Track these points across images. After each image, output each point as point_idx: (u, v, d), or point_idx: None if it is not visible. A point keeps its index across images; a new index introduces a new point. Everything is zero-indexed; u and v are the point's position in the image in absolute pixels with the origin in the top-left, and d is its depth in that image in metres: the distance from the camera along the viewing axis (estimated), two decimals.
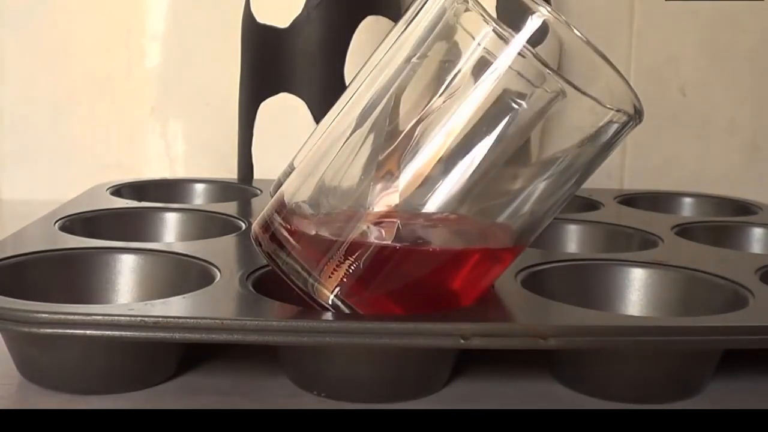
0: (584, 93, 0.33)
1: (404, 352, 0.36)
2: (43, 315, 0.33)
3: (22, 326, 0.33)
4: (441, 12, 0.34)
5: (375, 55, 0.39)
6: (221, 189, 0.65)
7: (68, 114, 0.74)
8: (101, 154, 0.75)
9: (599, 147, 0.35)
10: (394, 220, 0.34)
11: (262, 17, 0.65)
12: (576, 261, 0.45)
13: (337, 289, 0.35)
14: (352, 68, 0.64)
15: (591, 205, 0.61)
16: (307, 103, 0.64)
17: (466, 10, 0.33)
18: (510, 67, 0.33)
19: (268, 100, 0.66)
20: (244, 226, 0.50)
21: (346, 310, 0.35)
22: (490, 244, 0.37)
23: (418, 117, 0.34)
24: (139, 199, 0.58)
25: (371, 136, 0.35)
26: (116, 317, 0.33)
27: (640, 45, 0.76)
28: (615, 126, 0.34)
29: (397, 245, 0.34)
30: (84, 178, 0.65)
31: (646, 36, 0.76)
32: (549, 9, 0.35)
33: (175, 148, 0.75)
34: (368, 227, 0.34)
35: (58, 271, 0.42)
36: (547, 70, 0.32)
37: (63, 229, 0.48)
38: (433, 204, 0.34)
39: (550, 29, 0.35)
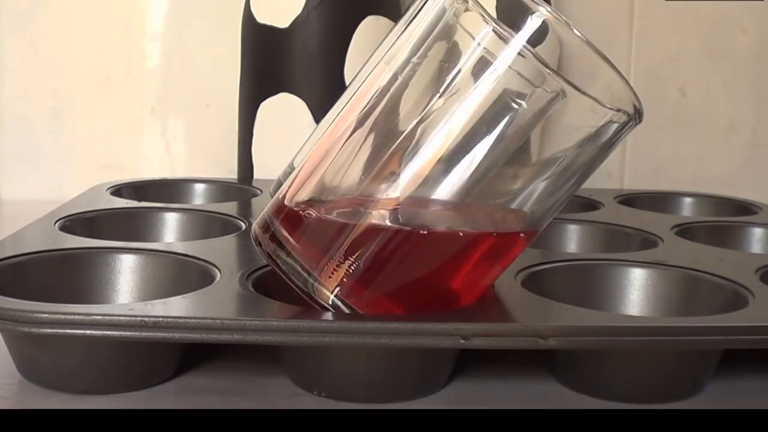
0: (584, 93, 0.33)
1: (404, 352, 0.36)
2: (43, 315, 0.33)
3: (22, 326, 0.33)
4: (441, 12, 0.34)
5: (375, 55, 0.39)
6: (221, 189, 0.65)
7: (68, 114, 0.74)
8: (101, 154, 0.75)
9: (599, 147, 0.35)
10: (395, 220, 0.34)
11: (262, 17, 0.65)
12: (576, 261, 0.45)
13: (337, 289, 0.35)
14: (352, 68, 0.64)
15: (591, 205, 0.61)
16: (307, 103, 0.64)
17: (466, 10, 0.33)
18: (510, 67, 0.33)
19: (268, 100, 0.66)
20: (244, 226, 0.50)
21: (346, 310, 0.35)
22: (489, 244, 0.37)
23: (419, 117, 0.34)
24: (139, 199, 0.58)
25: (371, 137, 0.35)
26: (116, 317, 0.33)
27: (640, 45, 0.76)
28: (615, 126, 0.34)
29: (398, 245, 0.34)
30: (84, 178, 0.65)
31: (646, 36, 0.76)
32: (549, 9, 0.35)
33: (175, 148, 0.75)
34: (368, 227, 0.34)
35: (58, 271, 0.41)
36: (547, 70, 0.32)
37: (63, 229, 0.48)
38: (433, 204, 0.34)
39: (550, 29, 0.35)
